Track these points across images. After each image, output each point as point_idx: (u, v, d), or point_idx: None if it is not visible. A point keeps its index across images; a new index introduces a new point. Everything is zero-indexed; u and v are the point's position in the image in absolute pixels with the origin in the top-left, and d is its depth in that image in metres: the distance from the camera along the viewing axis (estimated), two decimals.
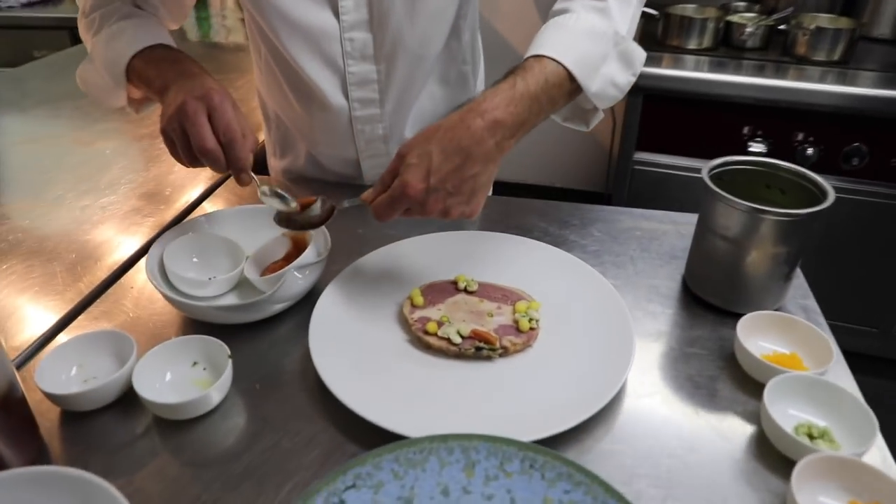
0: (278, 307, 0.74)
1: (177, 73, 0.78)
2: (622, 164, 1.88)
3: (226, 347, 0.65)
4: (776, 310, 0.73)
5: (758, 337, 0.68)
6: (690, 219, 0.87)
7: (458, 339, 0.67)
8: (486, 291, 0.75)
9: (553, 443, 0.58)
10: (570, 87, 0.73)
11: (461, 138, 0.65)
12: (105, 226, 0.98)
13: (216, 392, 0.63)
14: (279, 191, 0.75)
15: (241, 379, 0.67)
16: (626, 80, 0.80)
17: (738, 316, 0.70)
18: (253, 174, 0.74)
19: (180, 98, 0.72)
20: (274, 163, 1.15)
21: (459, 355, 0.67)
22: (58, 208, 1.03)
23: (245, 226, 0.84)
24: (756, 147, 1.65)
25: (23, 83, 1.74)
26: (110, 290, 0.83)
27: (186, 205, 1.04)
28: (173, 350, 0.66)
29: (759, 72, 1.69)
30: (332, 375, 0.63)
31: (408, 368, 0.66)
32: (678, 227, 0.92)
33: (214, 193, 1.08)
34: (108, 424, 0.63)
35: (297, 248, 0.79)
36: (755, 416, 0.61)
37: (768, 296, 0.73)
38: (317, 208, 0.74)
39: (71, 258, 0.89)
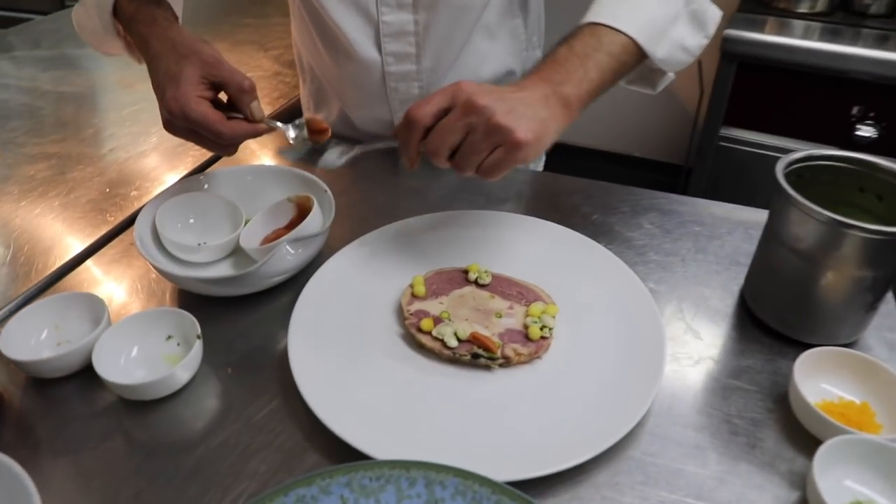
0: (269, 282, 0.67)
1: (144, 40, 0.70)
2: (706, 138, 1.69)
3: (196, 326, 0.59)
4: (851, 344, 0.60)
5: (822, 377, 0.55)
6: (765, 217, 0.73)
7: (453, 342, 0.58)
8: (500, 286, 0.65)
9: (542, 485, 0.49)
10: (635, 54, 0.66)
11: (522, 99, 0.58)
12: (127, 173, 0.94)
13: (181, 373, 0.57)
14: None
15: (219, 358, 0.62)
16: (697, 43, 0.72)
17: (803, 346, 0.57)
18: (269, 121, 0.69)
19: (162, 115, 0.67)
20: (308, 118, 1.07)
21: (453, 360, 0.58)
22: (87, 150, 1.00)
23: (249, 187, 0.77)
24: (864, 131, 1.43)
25: None
26: (114, 243, 0.79)
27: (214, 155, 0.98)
28: (145, 322, 0.61)
29: (881, 43, 1.46)
30: (303, 369, 0.56)
31: (393, 370, 0.58)
32: (748, 226, 0.78)
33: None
34: (73, 395, 0.59)
35: (302, 216, 0.71)
36: (802, 479, 0.49)
37: (843, 326, 0.59)
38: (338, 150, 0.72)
39: (83, 203, 0.86)
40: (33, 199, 0.87)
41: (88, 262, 0.75)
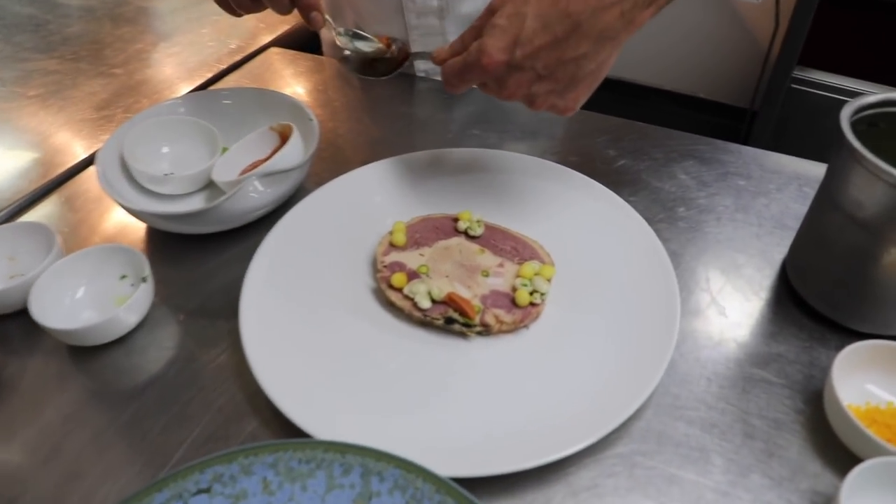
0: (238, 220, 0.60)
1: None
2: (776, 79, 1.51)
3: (145, 265, 0.53)
4: None
5: (869, 376, 0.45)
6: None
7: (426, 304, 0.50)
8: (493, 239, 0.56)
9: (506, 482, 0.41)
10: None
11: (571, 1, 0.45)
12: (122, 93, 0.87)
13: (124, 317, 0.51)
14: (359, 31, 0.63)
15: (176, 302, 0.56)
16: None
17: (851, 336, 0.47)
18: (327, 17, 0.60)
19: None
20: (325, 34, 0.98)
21: (425, 324, 0.50)
22: (85, 67, 0.94)
23: (229, 113, 0.69)
24: None
25: None
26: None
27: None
28: (96, 259, 0.55)
29: None
30: (252, 321, 0.49)
31: (355, 330, 0.51)
32: (803, 182, 0.66)
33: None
34: (17, 335, 0.54)
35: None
36: (827, 502, 0.40)
37: None
38: (392, 51, 0.63)
39: (76, 122, 0.81)
40: (23, 119, 0.82)
41: (62, 189, 0.70)
